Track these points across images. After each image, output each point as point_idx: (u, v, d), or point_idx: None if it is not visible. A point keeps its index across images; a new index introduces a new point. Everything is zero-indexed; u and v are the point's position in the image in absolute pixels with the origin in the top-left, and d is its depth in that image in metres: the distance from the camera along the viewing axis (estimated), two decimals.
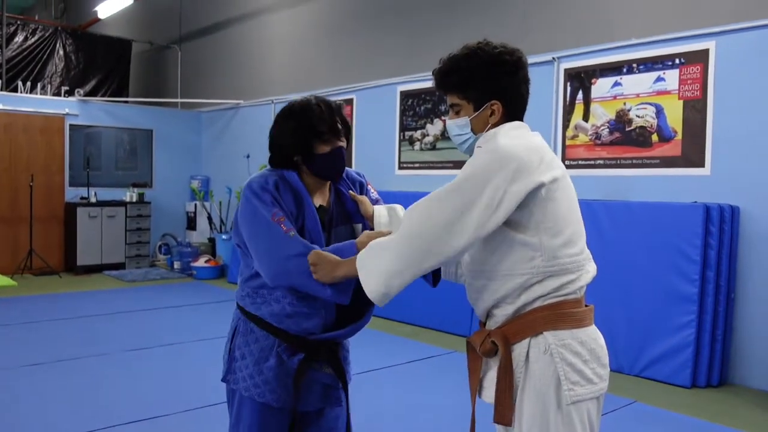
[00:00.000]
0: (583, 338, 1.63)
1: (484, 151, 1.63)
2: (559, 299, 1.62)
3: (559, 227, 1.61)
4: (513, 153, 1.58)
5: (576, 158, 5.63)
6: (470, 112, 1.73)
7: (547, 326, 1.61)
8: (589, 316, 1.68)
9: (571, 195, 1.69)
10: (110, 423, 3.60)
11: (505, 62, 1.71)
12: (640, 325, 4.72)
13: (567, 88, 5.71)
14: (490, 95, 1.71)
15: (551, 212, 1.60)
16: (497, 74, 1.70)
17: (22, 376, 4.45)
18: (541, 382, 1.59)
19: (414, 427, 3.69)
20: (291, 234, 1.82)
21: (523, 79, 1.75)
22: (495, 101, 1.71)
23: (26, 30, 11.03)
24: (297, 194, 1.94)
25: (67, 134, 9.51)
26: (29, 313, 6.49)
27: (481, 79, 1.71)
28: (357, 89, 7.81)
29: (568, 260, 1.62)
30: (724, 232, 4.53)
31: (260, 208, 1.86)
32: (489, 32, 7.02)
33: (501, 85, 1.71)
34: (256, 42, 9.72)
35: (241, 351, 1.99)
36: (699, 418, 3.91)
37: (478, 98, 1.72)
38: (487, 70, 1.70)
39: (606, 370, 1.67)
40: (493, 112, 1.72)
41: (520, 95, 1.76)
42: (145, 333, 5.76)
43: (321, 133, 1.91)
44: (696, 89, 4.89)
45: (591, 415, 1.63)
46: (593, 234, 5.01)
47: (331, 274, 1.74)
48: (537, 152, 1.62)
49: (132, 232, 9.68)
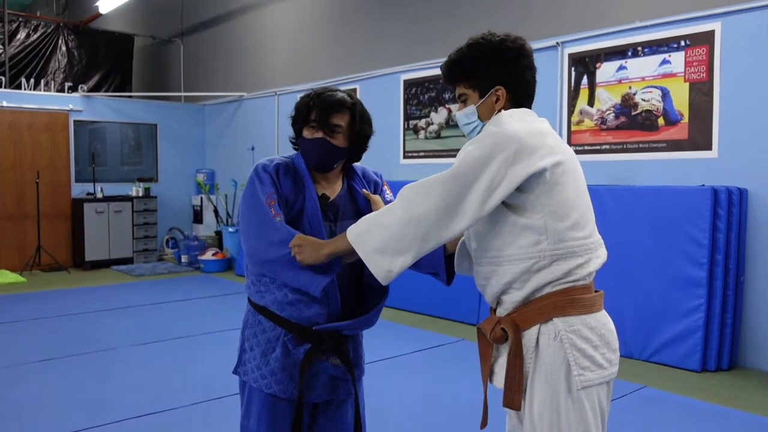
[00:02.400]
0: (592, 324, 1.63)
1: (487, 133, 1.63)
2: (568, 285, 1.62)
3: (565, 210, 1.61)
4: (514, 135, 1.58)
5: (582, 143, 5.60)
6: (476, 99, 1.76)
7: (557, 312, 1.61)
8: (598, 302, 1.68)
9: (579, 179, 1.69)
10: (120, 417, 3.62)
11: (507, 49, 1.73)
12: (648, 310, 4.71)
13: (571, 73, 5.66)
14: (494, 81, 1.73)
15: (557, 196, 1.60)
16: (500, 61, 1.73)
17: (32, 371, 4.48)
18: (551, 368, 1.60)
19: (424, 416, 3.70)
20: (277, 219, 1.84)
21: (527, 66, 1.76)
22: (499, 87, 1.73)
23: (28, 27, 11.02)
24: (299, 179, 1.97)
25: (72, 130, 9.52)
26: (38, 309, 6.52)
27: (485, 66, 1.73)
28: (360, 79, 7.79)
29: (575, 243, 1.62)
30: (733, 215, 4.50)
31: (258, 188, 1.90)
32: (492, 18, 6.99)
33: (504, 71, 1.73)
34: (259, 34, 9.68)
35: (249, 343, 2.00)
36: (709, 402, 3.90)
37: (482, 85, 1.74)
38: (490, 58, 1.73)
39: (616, 355, 1.68)
40: (498, 98, 1.73)
41: (526, 81, 1.76)
42: (153, 327, 5.78)
43: (309, 120, 1.95)
44: (702, 71, 4.85)
45: (601, 400, 1.63)
46: (600, 219, 4.96)
47: (316, 254, 1.75)
48: (540, 136, 1.62)
49: (139, 226, 9.71)
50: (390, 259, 1.62)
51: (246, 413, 2.01)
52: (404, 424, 3.59)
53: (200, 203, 10.30)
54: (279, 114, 9.04)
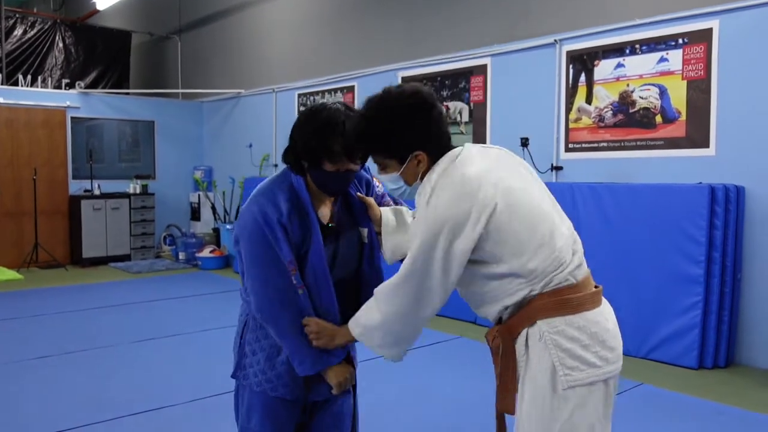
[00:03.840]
0: (580, 323, 1.63)
1: (421, 217, 1.66)
2: (555, 287, 1.64)
3: (522, 248, 1.61)
4: (443, 215, 1.60)
5: (579, 141, 5.60)
6: (396, 167, 1.73)
7: (541, 315, 1.63)
8: (591, 300, 1.67)
9: (522, 201, 1.64)
10: (117, 414, 3.62)
11: (413, 113, 1.68)
12: (646, 307, 4.71)
13: (569, 70, 5.66)
14: (410, 149, 1.69)
15: (507, 240, 1.61)
16: (409, 128, 1.68)
17: (30, 368, 4.47)
18: (537, 369, 1.62)
19: (421, 414, 3.70)
20: (300, 291, 1.87)
21: (436, 117, 1.70)
22: (417, 152, 1.69)
23: (25, 23, 10.98)
24: (304, 217, 1.89)
25: (69, 127, 9.50)
26: (36, 306, 6.51)
27: (395, 138, 1.69)
28: (358, 76, 7.77)
29: (544, 264, 1.63)
30: (730, 213, 4.50)
31: (273, 246, 1.84)
32: (490, 15, 6.98)
33: (417, 136, 1.69)
34: (256, 31, 9.67)
35: (251, 347, 1.98)
36: (706, 399, 3.91)
37: (399, 155, 1.71)
38: (398, 128, 1.68)
39: (614, 352, 1.67)
40: (419, 162, 1.70)
41: (441, 133, 1.72)
42: (151, 324, 5.78)
43: (332, 152, 1.79)
44: (700, 69, 4.85)
45: (595, 398, 1.63)
46: (598, 217, 4.99)
47: (331, 343, 1.88)
48: (468, 196, 1.59)
49: (136, 223, 9.70)
50: (394, 348, 1.80)
51: (247, 416, 2.00)
52: (401, 421, 3.59)
53: (198, 200, 10.28)
54: (277, 111, 9.03)
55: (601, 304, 1.70)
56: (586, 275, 1.70)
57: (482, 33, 6.47)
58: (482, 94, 6.41)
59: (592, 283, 1.72)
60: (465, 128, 6.58)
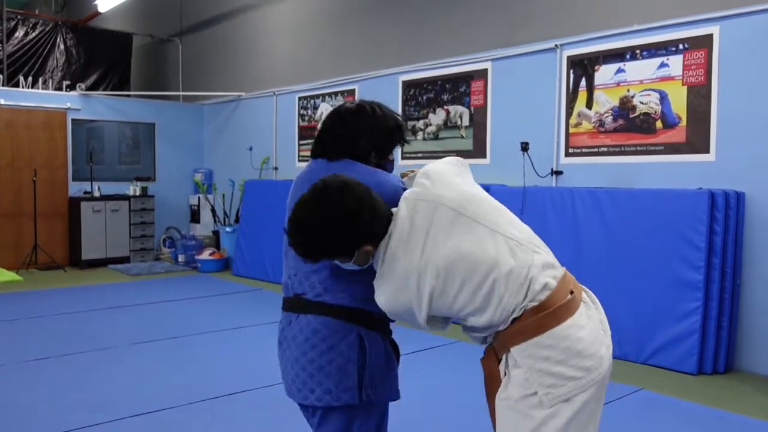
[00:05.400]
0: (547, 342, 1.61)
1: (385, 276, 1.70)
2: (520, 313, 1.64)
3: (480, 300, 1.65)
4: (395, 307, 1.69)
5: (580, 146, 5.60)
6: (347, 259, 1.72)
7: (512, 342, 1.65)
8: (560, 314, 1.63)
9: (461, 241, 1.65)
10: (116, 416, 3.61)
11: (352, 220, 1.64)
12: (645, 313, 4.71)
13: (570, 75, 5.67)
14: (356, 246, 1.68)
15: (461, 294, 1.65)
16: (351, 233, 1.65)
17: (28, 370, 4.46)
18: (516, 390, 1.64)
19: (418, 418, 3.69)
20: None
21: (368, 215, 1.66)
22: (364, 246, 1.68)
23: (26, 25, 10.99)
24: None
25: (70, 129, 9.51)
26: (35, 307, 6.50)
27: (340, 247, 1.68)
28: (359, 80, 7.78)
29: (511, 297, 1.63)
30: (730, 218, 4.50)
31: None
32: (490, 20, 6.98)
33: (360, 236, 1.66)
34: (258, 34, 9.68)
35: (368, 358, 1.86)
36: (705, 405, 3.91)
37: (347, 253, 1.69)
38: (342, 240, 1.66)
39: (592, 360, 1.62)
40: (367, 251, 1.70)
41: (380, 215, 1.69)
42: (150, 326, 5.77)
43: (393, 145, 2.04)
44: (700, 75, 4.85)
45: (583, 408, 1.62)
46: (598, 222, 4.99)
47: None
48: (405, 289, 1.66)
49: (136, 225, 9.69)
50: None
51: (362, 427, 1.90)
52: (398, 425, 3.58)
53: (198, 203, 10.28)
54: (277, 114, 9.04)
55: (574, 312, 1.65)
56: (554, 289, 1.64)
57: (483, 37, 6.48)
58: (483, 98, 6.41)
59: (566, 290, 1.67)
60: (465, 132, 6.59)
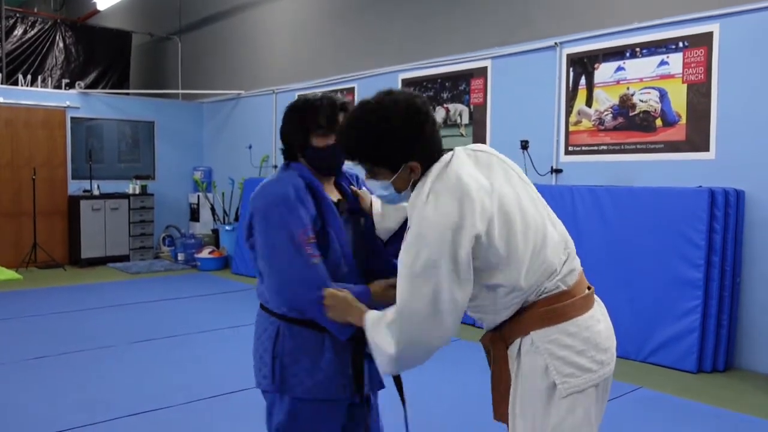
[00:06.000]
0: (572, 330, 1.62)
1: (418, 229, 1.59)
2: (546, 296, 1.64)
3: (515, 257, 1.59)
4: (442, 222, 1.54)
5: (579, 144, 5.60)
6: (388, 176, 1.68)
7: (534, 326, 1.63)
8: (581, 305, 1.66)
9: (515, 209, 1.62)
10: (115, 415, 3.61)
11: (407, 125, 1.64)
12: (645, 311, 4.71)
13: (570, 73, 5.66)
14: (403, 159, 1.66)
15: (500, 250, 1.58)
16: (403, 140, 1.64)
17: (28, 369, 4.46)
18: (530, 378, 1.62)
19: (418, 415, 3.69)
20: (315, 261, 1.82)
21: (430, 128, 1.67)
22: (411, 162, 1.66)
23: (25, 23, 10.98)
24: (317, 195, 1.92)
25: (69, 127, 9.49)
26: (34, 306, 6.50)
27: (387, 150, 1.65)
28: (358, 78, 7.77)
29: (538, 276, 1.62)
30: (729, 217, 4.50)
31: (289, 220, 1.83)
32: (490, 18, 6.96)
33: (410, 147, 1.65)
34: (257, 32, 9.67)
35: (293, 356, 1.92)
36: (705, 403, 3.91)
37: (391, 165, 1.67)
38: (391, 141, 1.64)
39: (607, 354, 1.66)
40: (411, 170, 1.67)
41: (434, 142, 1.69)
42: (149, 325, 5.77)
43: (319, 126, 1.90)
44: (700, 73, 4.85)
45: (589, 404, 1.63)
46: (597, 220, 4.99)
47: (343, 318, 1.80)
48: (466, 197, 1.56)
49: (135, 224, 9.69)
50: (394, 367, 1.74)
51: (290, 425, 1.94)
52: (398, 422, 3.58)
53: (197, 201, 10.27)
54: (277, 112, 9.02)
55: (593, 306, 1.70)
56: (578, 279, 1.69)
57: (483, 35, 6.47)
58: (482, 96, 6.41)
59: (585, 285, 1.71)
60: (465, 130, 6.58)
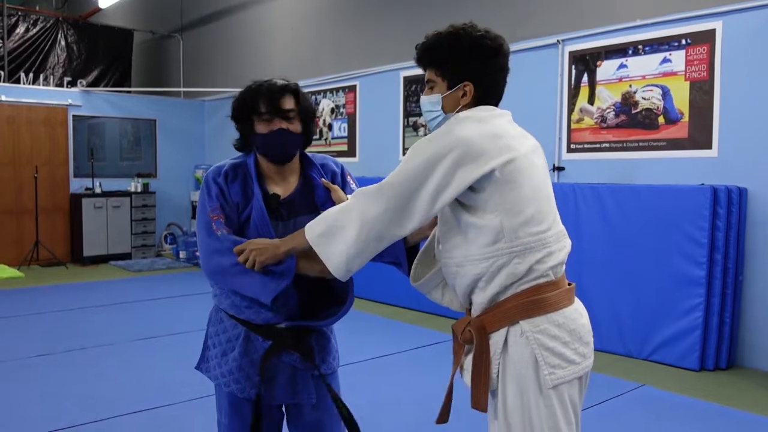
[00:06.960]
0: (560, 321, 1.63)
1: (438, 134, 1.65)
2: (532, 284, 1.63)
3: (520, 207, 1.61)
4: (463, 138, 1.59)
5: (582, 142, 5.59)
6: (443, 89, 1.74)
7: (523, 315, 1.62)
8: (567, 297, 1.68)
9: (536, 174, 1.67)
10: (117, 412, 3.61)
11: (485, 46, 1.71)
12: (647, 309, 4.70)
13: (572, 71, 5.65)
14: (463, 76, 1.72)
15: (510, 193, 1.60)
16: (473, 57, 1.71)
17: (29, 366, 4.47)
18: (520, 368, 1.61)
19: (419, 414, 3.69)
20: (219, 233, 1.84)
21: (500, 67, 1.74)
22: (468, 82, 1.71)
23: (27, 21, 10.98)
24: (247, 182, 1.92)
25: (71, 125, 9.50)
26: (36, 304, 6.51)
27: (458, 58, 1.72)
28: (360, 75, 7.76)
29: (532, 239, 1.61)
30: (732, 214, 4.49)
31: (205, 200, 1.90)
32: (493, 15, 6.96)
33: (476, 68, 1.71)
34: (258, 30, 9.66)
35: (212, 340, 2.03)
36: (708, 401, 3.90)
37: (452, 77, 1.73)
38: (465, 51, 1.71)
39: (588, 348, 1.68)
40: (465, 93, 1.72)
41: (495, 82, 1.75)
42: (151, 323, 5.77)
43: (260, 113, 1.88)
44: (703, 70, 4.84)
45: (572, 395, 1.64)
46: (600, 218, 4.98)
47: (274, 252, 1.77)
48: (491, 138, 1.61)
49: (137, 222, 9.70)
50: (348, 260, 1.68)
51: (218, 408, 2.04)
52: (399, 421, 3.58)
53: None
54: None
55: (574, 300, 1.72)
56: (563, 274, 1.71)
57: None
58: None
59: (566, 280, 1.74)
60: None
